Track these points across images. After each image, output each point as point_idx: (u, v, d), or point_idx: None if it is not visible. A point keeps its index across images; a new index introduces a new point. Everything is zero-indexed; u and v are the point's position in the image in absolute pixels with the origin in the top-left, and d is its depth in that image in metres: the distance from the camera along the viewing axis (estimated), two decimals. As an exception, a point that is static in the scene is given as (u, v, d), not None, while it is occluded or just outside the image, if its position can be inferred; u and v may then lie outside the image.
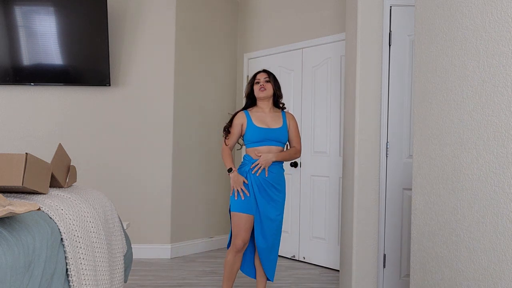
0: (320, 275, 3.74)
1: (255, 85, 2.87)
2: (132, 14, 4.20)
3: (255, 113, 2.85)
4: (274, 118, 2.84)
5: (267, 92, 2.84)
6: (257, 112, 2.85)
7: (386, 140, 2.95)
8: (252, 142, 2.78)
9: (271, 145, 2.77)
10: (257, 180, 2.73)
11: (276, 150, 2.79)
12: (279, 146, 2.81)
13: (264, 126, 2.78)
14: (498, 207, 1.54)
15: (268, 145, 2.77)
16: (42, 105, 4.13)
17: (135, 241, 4.05)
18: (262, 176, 2.74)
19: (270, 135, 2.77)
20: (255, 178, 2.74)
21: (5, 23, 3.91)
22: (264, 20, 4.57)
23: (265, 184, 2.75)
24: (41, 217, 1.63)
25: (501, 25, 1.54)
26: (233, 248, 2.74)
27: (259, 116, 2.82)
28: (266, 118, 2.82)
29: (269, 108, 2.88)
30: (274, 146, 2.78)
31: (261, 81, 2.86)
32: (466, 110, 1.72)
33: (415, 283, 2.03)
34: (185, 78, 4.32)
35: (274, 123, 2.82)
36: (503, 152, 1.52)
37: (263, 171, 2.75)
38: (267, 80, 2.87)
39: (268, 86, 2.86)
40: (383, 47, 2.94)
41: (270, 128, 2.78)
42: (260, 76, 2.89)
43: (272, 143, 2.78)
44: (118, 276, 2.20)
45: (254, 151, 2.78)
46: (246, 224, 2.71)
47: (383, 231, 2.95)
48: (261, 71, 2.95)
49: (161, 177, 4.19)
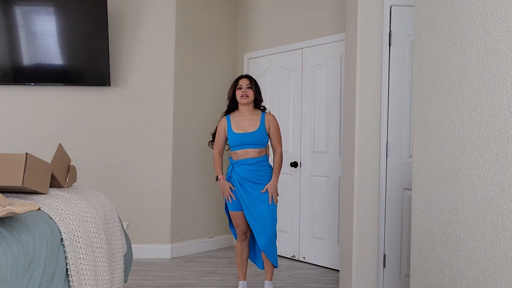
0: (320, 275, 3.74)
1: (237, 90, 3.07)
2: (132, 14, 4.20)
3: (235, 117, 3.07)
4: (252, 121, 3.05)
5: (248, 99, 3.05)
6: (237, 117, 3.08)
7: (386, 140, 2.95)
8: (232, 146, 3.05)
9: (248, 148, 3.01)
10: (239, 178, 3.02)
11: (253, 152, 3.01)
12: (256, 148, 3.02)
13: (241, 131, 3.01)
14: (498, 207, 1.54)
15: (245, 148, 3.01)
16: (42, 105, 4.13)
17: (135, 241, 4.05)
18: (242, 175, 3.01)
19: (246, 139, 3.00)
20: (237, 177, 3.02)
21: (5, 23, 3.91)
22: (264, 20, 4.57)
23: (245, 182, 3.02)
24: (41, 217, 1.63)
25: (501, 25, 1.54)
26: (238, 238, 3.16)
27: (238, 121, 3.05)
28: (244, 122, 3.04)
29: (249, 111, 3.08)
30: (251, 148, 3.01)
31: (243, 87, 3.05)
32: (466, 110, 1.72)
33: (415, 283, 2.03)
34: (185, 78, 4.32)
35: (251, 126, 3.03)
36: (503, 152, 1.52)
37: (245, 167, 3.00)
38: (249, 86, 3.06)
39: (250, 92, 3.05)
40: (383, 47, 2.94)
41: (246, 132, 3.01)
42: (242, 82, 3.08)
43: (248, 146, 3.01)
44: (118, 276, 2.20)
45: (234, 154, 3.07)
46: (239, 218, 3.08)
47: (383, 231, 2.95)
48: (243, 76, 3.14)
49: (161, 177, 4.19)
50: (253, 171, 3.01)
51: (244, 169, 3.00)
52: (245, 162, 3.01)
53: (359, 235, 2.94)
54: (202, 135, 4.49)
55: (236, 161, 3.03)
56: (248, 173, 3.00)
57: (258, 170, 3.02)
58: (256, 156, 3.02)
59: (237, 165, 3.03)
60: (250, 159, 3.01)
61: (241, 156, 3.02)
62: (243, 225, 3.09)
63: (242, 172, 3.00)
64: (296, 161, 4.18)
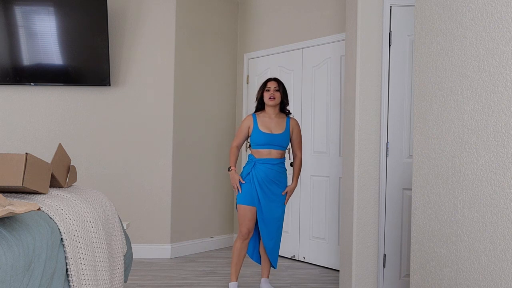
0: (320, 275, 3.74)
1: (265, 92, 3.13)
2: (132, 14, 4.20)
3: (262, 118, 3.13)
4: (278, 123, 3.12)
5: (275, 101, 3.11)
6: (263, 117, 3.13)
7: (386, 140, 2.94)
8: (256, 144, 3.09)
9: (272, 149, 3.08)
10: (259, 177, 3.05)
11: (276, 153, 3.09)
12: (279, 149, 3.10)
13: (267, 131, 3.07)
14: (498, 207, 1.54)
15: (270, 148, 3.08)
16: (42, 105, 4.13)
17: (135, 241, 4.05)
18: (264, 173, 3.06)
19: (272, 140, 3.06)
20: (257, 174, 3.05)
21: (5, 23, 3.91)
22: (264, 20, 4.57)
23: (266, 181, 3.06)
24: (41, 217, 1.63)
25: (501, 25, 1.54)
26: (239, 236, 3.08)
27: (264, 122, 3.11)
28: (271, 123, 3.11)
29: (275, 113, 3.15)
30: (274, 149, 3.08)
31: (271, 89, 3.12)
32: (466, 110, 1.72)
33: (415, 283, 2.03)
34: (185, 78, 4.32)
35: (277, 128, 3.10)
36: (503, 152, 1.52)
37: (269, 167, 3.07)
38: (277, 89, 3.13)
39: (277, 95, 3.11)
40: (383, 47, 2.94)
41: (273, 133, 3.07)
42: (270, 85, 3.14)
43: (273, 147, 3.08)
44: (118, 276, 2.20)
45: (257, 152, 3.11)
46: (249, 214, 3.04)
47: (383, 231, 2.95)
48: (272, 79, 3.20)
49: (161, 177, 4.19)
50: (275, 171, 3.08)
51: (267, 168, 3.06)
52: (268, 161, 3.07)
53: (359, 235, 2.94)
54: (202, 135, 4.49)
55: (259, 159, 3.07)
56: (270, 172, 3.06)
57: (279, 171, 3.10)
58: (278, 157, 3.09)
59: (260, 163, 3.07)
60: (273, 159, 3.08)
61: (264, 155, 3.07)
62: (251, 222, 3.06)
63: (265, 170, 3.05)
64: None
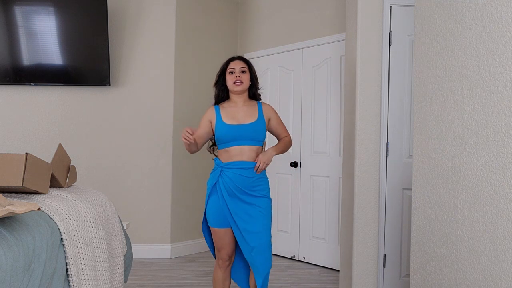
0: (320, 275, 3.74)
1: (229, 75, 2.44)
2: (132, 14, 4.20)
3: (227, 108, 2.44)
4: (247, 112, 2.42)
5: (243, 86, 2.42)
6: (228, 107, 2.44)
7: (386, 140, 2.94)
8: (222, 142, 2.37)
9: (244, 145, 2.35)
10: (227, 186, 2.33)
11: (249, 152, 2.35)
12: (253, 145, 2.37)
13: (234, 122, 2.36)
14: (498, 207, 1.54)
15: (240, 144, 2.34)
16: (42, 105, 4.13)
17: (135, 241, 4.05)
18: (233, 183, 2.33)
19: (242, 132, 2.34)
20: (224, 184, 2.34)
21: (5, 23, 3.91)
22: (264, 20, 4.57)
23: (236, 190, 2.34)
24: (41, 217, 1.63)
25: (501, 25, 1.54)
26: (219, 264, 2.42)
27: (230, 112, 2.41)
28: (238, 113, 2.41)
29: (243, 101, 2.46)
30: (247, 145, 2.35)
31: (236, 71, 2.42)
32: (466, 110, 1.72)
33: (415, 283, 2.03)
34: (185, 78, 4.32)
35: (247, 117, 2.39)
36: (503, 152, 1.52)
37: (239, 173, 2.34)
38: (244, 70, 2.44)
39: (245, 77, 2.43)
40: (383, 47, 2.94)
41: (241, 124, 2.36)
42: (235, 65, 2.44)
43: (244, 142, 2.35)
44: (118, 276, 2.20)
45: (224, 153, 2.38)
46: (225, 237, 2.37)
47: (383, 231, 2.95)
48: (235, 57, 2.51)
49: (161, 177, 4.19)
50: (249, 177, 2.33)
51: (236, 174, 2.32)
52: (239, 165, 2.33)
53: (359, 235, 2.94)
54: (202, 135, 4.49)
55: (227, 164, 2.35)
56: (242, 181, 2.32)
57: (255, 177, 2.36)
58: (252, 158, 2.36)
59: (227, 168, 2.34)
60: (245, 163, 2.34)
61: (234, 156, 2.34)
62: (229, 246, 2.38)
63: (234, 178, 2.32)
64: (296, 161, 4.18)
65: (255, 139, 2.37)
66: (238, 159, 2.34)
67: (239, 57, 2.51)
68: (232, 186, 2.33)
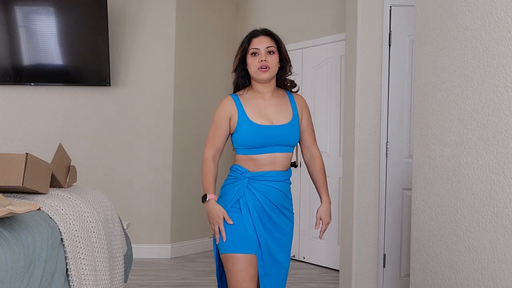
0: (320, 275, 3.74)
1: (251, 57, 1.83)
2: (132, 14, 4.20)
3: (250, 100, 1.85)
4: (279, 107, 1.85)
5: (271, 72, 1.81)
6: (253, 99, 1.85)
7: (386, 140, 2.95)
8: (249, 147, 1.80)
9: (277, 152, 1.81)
10: (259, 204, 1.80)
11: (283, 160, 1.82)
12: (287, 152, 1.84)
13: (265, 122, 1.80)
14: (498, 207, 1.54)
15: (273, 152, 1.80)
16: (42, 105, 4.13)
17: (135, 241, 4.04)
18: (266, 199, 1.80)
19: (275, 136, 1.79)
20: (254, 200, 1.79)
21: (5, 23, 3.91)
22: (264, 20, 4.57)
23: (268, 206, 1.80)
24: (41, 217, 1.63)
25: (501, 25, 1.54)
26: None
27: (256, 106, 1.83)
28: (267, 108, 1.83)
29: (271, 91, 1.87)
30: (280, 153, 1.82)
31: (262, 52, 1.81)
32: (466, 110, 1.72)
33: (415, 283, 2.04)
34: (185, 78, 4.32)
35: (280, 116, 1.83)
36: (503, 152, 1.52)
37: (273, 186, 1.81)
38: (271, 50, 1.83)
39: (273, 60, 1.82)
40: (383, 47, 2.94)
41: (275, 125, 1.80)
42: (259, 43, 1.82)
43: (278, 148, 1.80)
44: (118, 276, 2.20)
45: (249, 160, 1.81)
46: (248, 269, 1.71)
47: (383, 231, 2.95)
48: (259, 31, 1.86)
49: (161, 177, 4.19)
50: (282, 192, 1.83)
51: (271, 187, 1.80)
52: (272, 177, 1.80)
53: (359, 235, 2.94)
54: (202, 135, 4.49)
55: (257, 174, 1.80)
56: (275, 194, 1.81)
57: (286, 191, 1.86)
58: (285, 167, 1.85)
59: (257, 180, 1.80)
60: (280, 173, 1.81)
61: (265, 165, 1.80)
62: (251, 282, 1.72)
63: (266, 191, 1.79)
64: (296, 161, 4.18)
65: (289, 145, 1.84)
66: (269, 169, 1.80)
67: (264, 30, 1.87)
68: (264, 201, 1.79)
